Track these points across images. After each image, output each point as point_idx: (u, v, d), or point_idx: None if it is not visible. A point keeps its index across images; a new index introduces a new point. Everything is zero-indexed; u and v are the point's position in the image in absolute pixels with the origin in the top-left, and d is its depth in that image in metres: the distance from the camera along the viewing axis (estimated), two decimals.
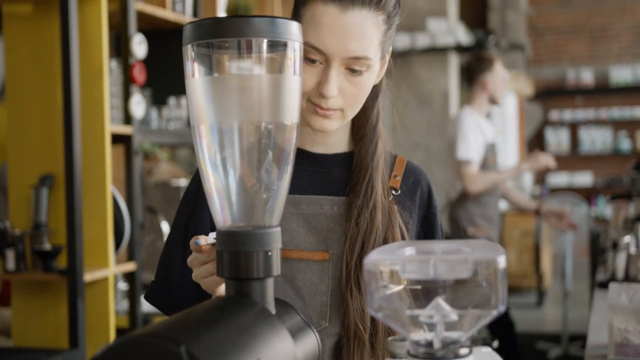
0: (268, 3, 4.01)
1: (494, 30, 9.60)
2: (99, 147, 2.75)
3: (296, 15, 1.21)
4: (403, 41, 5.40)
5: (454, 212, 3.94)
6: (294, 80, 0.86)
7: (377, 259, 0.82)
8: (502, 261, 0.79)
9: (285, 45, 0.84)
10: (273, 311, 0.85)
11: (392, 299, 0.83)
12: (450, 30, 5.42)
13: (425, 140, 5.59)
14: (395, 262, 0.82)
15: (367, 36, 1.16)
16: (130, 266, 2.98)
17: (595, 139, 10.14)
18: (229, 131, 0.84)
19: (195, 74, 0.85)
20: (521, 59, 9.52)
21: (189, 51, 0.85)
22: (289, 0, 4.47)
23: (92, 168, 2.75)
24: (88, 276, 2.67)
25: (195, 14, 3.37)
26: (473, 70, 3.98)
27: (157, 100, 3.32)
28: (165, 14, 3.14)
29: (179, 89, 3.28)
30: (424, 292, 0.83)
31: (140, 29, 3.10)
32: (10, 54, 2.82)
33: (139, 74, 2.97)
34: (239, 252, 0.84)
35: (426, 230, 1.32)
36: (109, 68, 2.87)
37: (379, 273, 0.82)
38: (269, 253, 0.85)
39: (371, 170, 1.26)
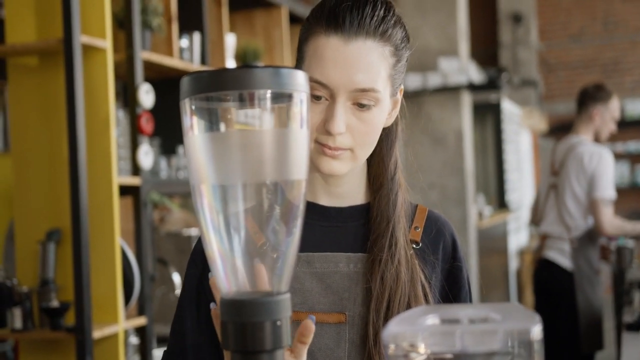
0: (277, 48, 3.98)
1: (505, 67, 9.57)
2: (107, 200, 2.69)
3: (300, 54, 1.14)
4: (415, 81, 5.36)
5: (585, 250, 3.83)
6: (301, 133, 0.79)
7: (397, 332, 0.74)
8: (537, 331, 0.71)
9: (290, 96, 0.77)
10: None
11: None
12: (462, 69, 5.37)
13: (441, 180, 5.51)
14: (416, 334, 0.74)
15: (374, 67, 1.09)
16: (141, 321, 2.89)
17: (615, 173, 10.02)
18: (232, 190, 0.77)
19: (194, 129, 0.78)
20: (534, 95, 9.47)
21: (187, 105, 0.78)
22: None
23: (100, 221, 2.68)
24: (97, 333, 2.59)
25: (203, 61, 3.34)
26: (587, 97, 3.92)
27: (166, 149, 3.27)
28: (172, 62, 3.10)
29: None
30: None
31: (147, 78, 3.06)
32: (16, 106, 2.78)
33: (147, 124, 2.92)
34: (244, 323, 0.76)
35: (451, 285, 1.22)
36: (116, 118, 2.83)
37: (399, 347, 0.74)
38: (278, 323, 0.77)
39: (393, 222, 1.17)
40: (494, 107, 7.13)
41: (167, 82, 3.22)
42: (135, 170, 2.91)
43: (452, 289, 1.22)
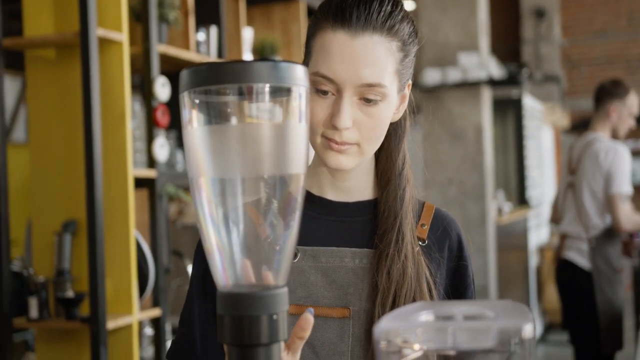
0: (295, 42, 3.98)
1: (527, 62, 9.50)
2: (122, 192, 2.70)
3: (308, 49, 1.15)
4: (434, 76, 5.33)
5: (603, 249, 3.79)
6: (300, 127, 0.79)
7: (389, 328, 0.74)
8: (529, 329, 0.71)
9: (289, 90, 0.77)
10: None
11: None
12: (482, 64, 5.33)
13: (459, 175, 5.48)
14: (409, 330, 0.74)
15: (380, 62, 1.09)
16: (155, 312, 2.91)
17: (636, 170, 9.90)
18: (230, 184, 0.78)
19: (193, 123, 0.79)
20: (556, 91, 9.39)
21: (186, 99, 0.79)
22: None
23: (115, 213, 2.70)
24: (111, 323, 2.61)
25: (220, 54, 3.34)
26: (603, 93, 3.87)
27: (182, 142, 3.28)
28: (189, 55, 3.11)
29: None
30: None
31: (164, 71, 3.07)
32: (34, 98, 2.81)
33: (162, 117, 2.93)
34: (241, 317, 0.77)
35: (457, 284, 1.22)
36: (132, 111, 2.84)
37: (392, 343, 0.74)
38: (274, 317, 0.78)
39: (400, 217, 1.17)
40: (515, 102, 7.08)
41: None
42: (151, 162, 2.92)
43: (457, 288, 1.22)
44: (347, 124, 1.08)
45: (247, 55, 3.54)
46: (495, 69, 5.63)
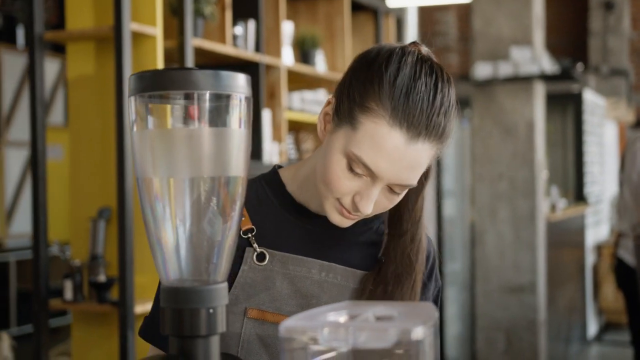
0: (339, 36, 4.00)
1: (593, 56, 9.27)
2: None
3: (351, 116, 1.10)
4: (485, 70, 5.28)
5: None
6: (239, 133, 0.84)
7: (294, 326, 0.78)
8: (419, 332, 0.73)
9: (229, 97, 0.82)
10: None
11: None
12: (535, 58, 5.25)
13: (510, 171, 5.41)
14: (312, 329, 0.78)
15: (422, 167, 1.11)
16: None
17: None
18: (173, 184, 0.83)
19: (137, 126, 0.84)
20: (624, 85, 9.15)
21: (132, 103, 0.84)
22: (360, 34, 4.47)
23: None
24: (140, 308, 2.71)
25: (257, 49, 3.39)
26: None
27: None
28: (225, 49, 3.17)
29: None
30: None
31: (201, 65, 3.14)
32: (74, 89, 2.92)
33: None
34: (181, 309, 0.82)
35: None
36: None
37: (296, 340, 0.78)
38: (211, 310, 0.83)
39: (415, 275, 1.19)
40: (575, 97, 6.94)
41: (220, 69, 3.29)
42: None
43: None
44: (369, 210, 1.11)
45: (287, 49, 3.58)
46: (548, 64, 5.54)
